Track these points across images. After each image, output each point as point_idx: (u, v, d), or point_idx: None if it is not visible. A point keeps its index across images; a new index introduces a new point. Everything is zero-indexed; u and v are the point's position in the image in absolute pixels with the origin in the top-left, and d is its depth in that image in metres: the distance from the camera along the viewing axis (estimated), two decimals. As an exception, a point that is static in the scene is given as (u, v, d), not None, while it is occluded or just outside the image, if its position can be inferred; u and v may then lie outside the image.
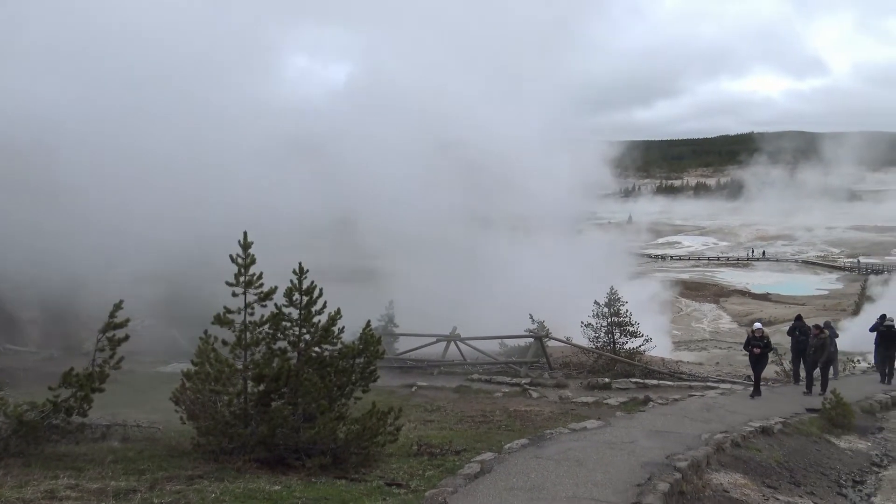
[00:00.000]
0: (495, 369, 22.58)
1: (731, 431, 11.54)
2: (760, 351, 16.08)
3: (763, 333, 16.34)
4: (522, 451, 9.47)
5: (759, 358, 16.19)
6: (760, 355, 16.16)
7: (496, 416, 14.24)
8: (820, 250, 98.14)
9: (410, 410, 14.58)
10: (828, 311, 47.39)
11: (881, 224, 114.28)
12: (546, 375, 21.26)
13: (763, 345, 16.09)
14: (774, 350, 21.38)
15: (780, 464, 10.69)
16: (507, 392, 18.17)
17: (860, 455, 12.33)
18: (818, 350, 16.70)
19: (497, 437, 11.61)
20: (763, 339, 16.14)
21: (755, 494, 8.90)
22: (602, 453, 9.46)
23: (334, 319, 9.17)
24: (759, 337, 16.13)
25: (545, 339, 22.98)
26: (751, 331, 16.79)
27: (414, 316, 26.13)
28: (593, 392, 18.30)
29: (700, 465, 9.40)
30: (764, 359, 16.41)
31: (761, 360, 16.28)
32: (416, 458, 9.64)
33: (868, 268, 71.63)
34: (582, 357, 23.85)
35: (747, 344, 16.48)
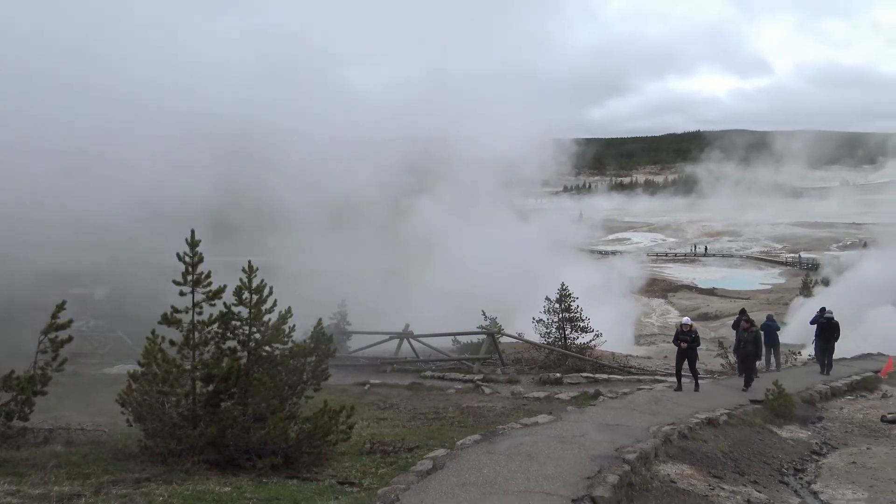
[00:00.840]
0: (448, 366, 22.67)
1: (678, 423, 11.78)
2: (688, 345, 15.92)
3: (691, 328, 16.27)
4: (475, 447, 9.51)
5: (687, 352, 16.05)
6: (688, 349, 16.01)
7: (449, 413, 14.28)
8: (764, 246, 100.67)
9: (363, 408, 14.53)
10: (771, 305, 48.76)
11: (821, 220, 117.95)
12: (498, 371, 21.42)
13: (691, 339, 15.95)
14: (724, 345, 21.94)
15: (725, 454, 10.96)
16: (460, 388, 18.25)
17: (801, 444, 12.71)
18: (748, 344, 16.81)
19: (450, 433, 11.65)
20: (691, 333, 16.04)
21: (701, 484, 9.11)
22: (553, 447, 9.56)
23: (285, 318, 9.09)
24: (687, 331, 16.02)
25: (497, 335, 23.13)
26: (678, 325, 16.74)
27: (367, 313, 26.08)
28: (545, 387, 18.50)
29: (648, 457, 9.59)
30: (692, 353, 16.25)
31: (689, 354, 16.14)
32: (369, 457, 9.62)
33: (809, 263, 73.79)
34: (534, 353, 24.10)
35: (676, 338, 16.34)
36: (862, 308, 30.25)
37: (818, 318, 20.69)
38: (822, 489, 10.08)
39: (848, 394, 17.69)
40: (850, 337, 25.58)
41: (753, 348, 16.86)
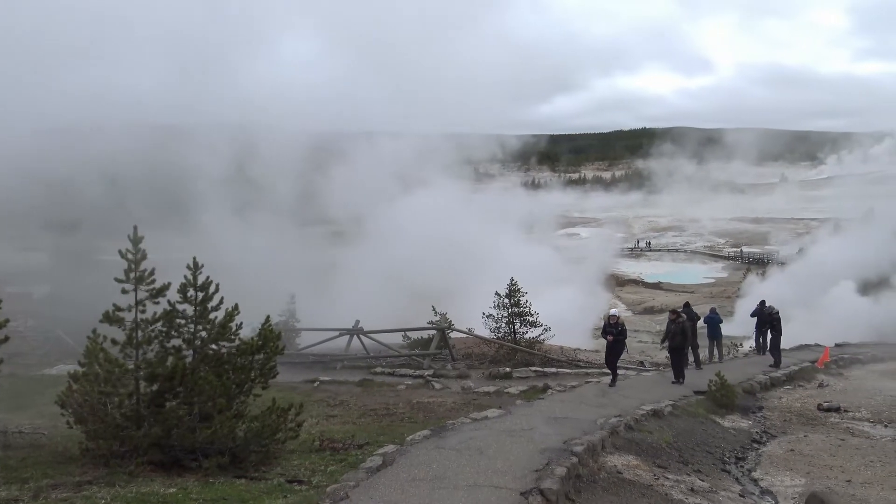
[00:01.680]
0: (399, 362, 22.65)
1: (624, 415, 12.00)
2: (614, 338, 15.66)
3: (618, 321, 15.92)
4: (425, 443, 9.53)
5: (614, 345, 15.83)
6: (615, 342, 15.77)
7: (399, 409, 14.29)
8: (707, 241, 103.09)
9: (313, 406, 14.42)
10: (714, 298, 50.02)
11: (762, 215, 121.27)
12: (449, 366, 21.49)
13: (618, 332, 15.67)
14: None
15: (669, 444, 11.20)
16: (411, 384, 18.24)
17: (742, 433, 13.07)
18: (676, 335, 16.60)
19: (400, 429, 11.65)
20: (618, 325, 15.74)
21: (646, 475, 9.30)
22: (502, 441, 9.65)
23: (232, 315, 8.96)
24: (615, 324, 15.69)
25: (448, 330, 23.19)
26: (606, 317, 16.32)
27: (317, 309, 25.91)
28: (495, 381, 18.63)
29: (596, 449, 9.74)
30: (619, 346, 16.08)
31: (616, 348, 15.95)
32: (319, 454, 9.56)
33: (750, 257, 75.87)
34: (484, 347, 24.24)
35: (604, 331, 15.97)
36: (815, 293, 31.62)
37: (759, 310, 21.31)
38: (762, 476, 10.40)
39: (787, 384, 18.26)
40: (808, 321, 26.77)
41: (681, 340, 16.65)
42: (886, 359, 23.43)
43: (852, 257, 34.88)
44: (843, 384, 18.66)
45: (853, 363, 22.20)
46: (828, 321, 29.61)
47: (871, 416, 14.71)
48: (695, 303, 27.34)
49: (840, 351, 24.26)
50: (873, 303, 31.22)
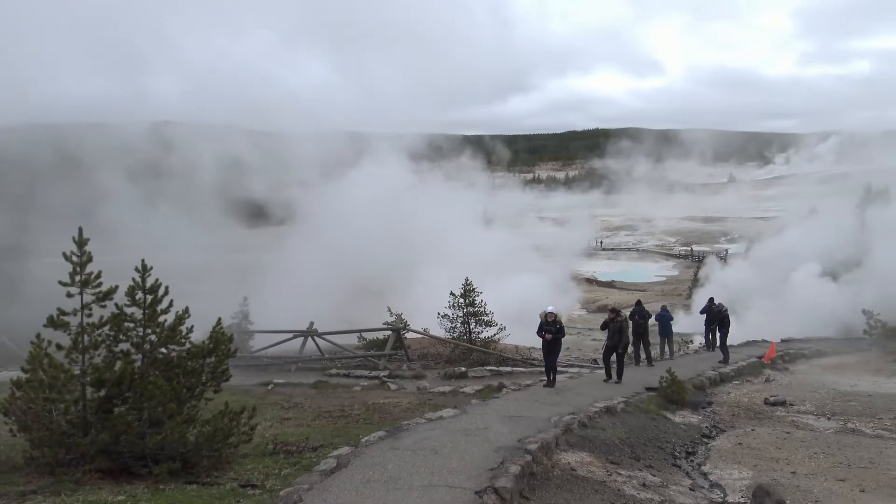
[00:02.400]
0: (354, 363, 22.54)
1: (578, 413, 12.14)
2: (552, 336, 14.86)
3: (555, 318, 15.00)
4: (380, 444, 9.51)
5: (552, 344, 15.00)
6: (553, 341, 14.94)
7: (354, 410, 14.22)
8: (658, 240, 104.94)
9: (266, 409, 14.26)
10: (665, 296, 50.93)
11: (711, 214, 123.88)
12: (404, 367, 21.46)
13: (555, 330, 14.84)
14: None
15: (622, 441, 11.37)
16: (366, 385, 18.17)
17: (692, 428, 13.34)
18: (615, 334, 16.14)
19: (355, 430, 11.60)
20: (556, 323, 14.88)
21: (599, 471, 9.44)
22: (457, 441, 9.68)
23: (182, 318, 8.81)
24: (552, 322, 14.84)
25: (403, 331, 23.16)
26: (542, 314, 15.12)
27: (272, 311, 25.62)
28: (450, 381, 18.67)
29: (550, 447, 9.84)
30: (557, 345, 15.22)
31: (554, 347, 15.11)
32: (272, 457, 9.46)
33: (700, 255, 77.45)
34: (440, 347, 24.28)
35: (540, 329, 15.05)
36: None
37: (708, 307, 21.78)
38: (712, 470, 10.63)
39: (735, 379, 18.71)
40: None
41: (619, 338, 16.15)
42: (829, 353, 24.17)
43: (816, 246, 35.35)
44: (788, 379, 19.20)
45: (798, 358, 22.85)
46: (791, 312, 30.37)
47: (815, 409, 15.16)
48: (646, 301, 27.76)
49: (786, 346, 24.96)
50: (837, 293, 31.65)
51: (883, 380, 18.94)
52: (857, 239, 32.60)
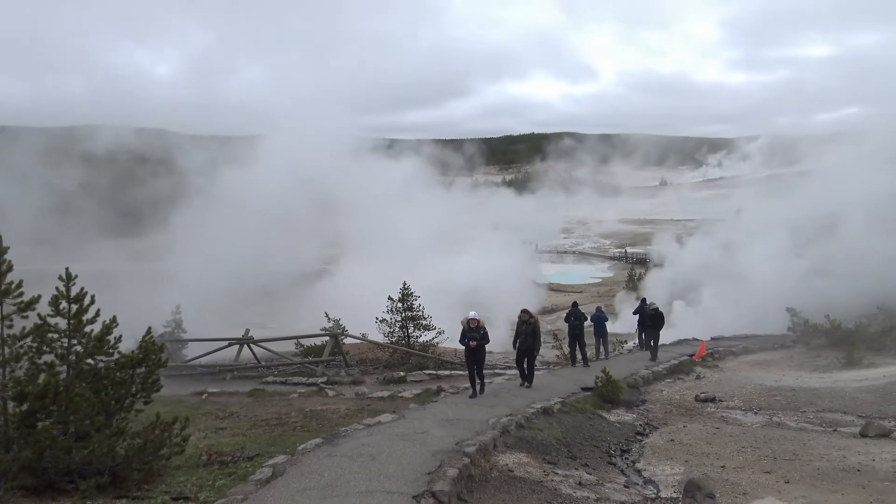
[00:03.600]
0: (291, 370, 22.25)
1: (515, 414, 12.26)
2: (477, 343, 13.83)
3: (479, 323, 13.99)
4: (317, 451, 9.42)
5: (476, 352, 13.97)
6: (477, 348, 13.91)
7: (292, 418, 14.04)
8: (594, 242, 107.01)
9: (200, 419, 13.97)
10: (601, 297, 51.94)
11: (644, 217, 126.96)
12: (343, 373, 21.29)
13: (480, 336, 13.85)
14: (558, 337, 22.88)
15: (558, 441, 11.54)
16: (304, 392, 17.96)
17: (627, 426, 13.63)
18: (528, 337, 15.14)
19: (292, 438, 11.45)
20: (479, 329, 13.91)
21: (537, 471, 9.55)
22: (395, 446, 9.65)
23: (109, 328, 8.54)
24: (476, 328, 13.87)
25: (341, 336, 22.98)
26: (465, 321, 14.15)
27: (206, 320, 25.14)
28: (389, 386, 18.59)
29: (488, 449, 9.91)
30: (482, 352, 14.18)
31: (478, 354, 14.08)
32: (206, 469, 9.26)
33: (634, 257, 79.20)
34: (378, 352, 24.18)
35: (463, 336, 14.03)
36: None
37: (641, 308, 22.29)
38: (645, 467, 10.88)
39: (667, 377, 19.20)
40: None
41: (532, 342, 15.20)
42: (756, 350, 25.04)
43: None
44: (718, 375, 19.80)
45: (727, 355, 23.58)
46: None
47: (743, 405, 15.69)
48: (582, 302, 28.26)
49: (715, 344, 25.74)
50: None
51: (805, 374, 19.73)
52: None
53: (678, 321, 32.61)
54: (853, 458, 10.67)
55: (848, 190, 33.14)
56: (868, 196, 30.94)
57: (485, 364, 14.58)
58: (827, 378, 18.70)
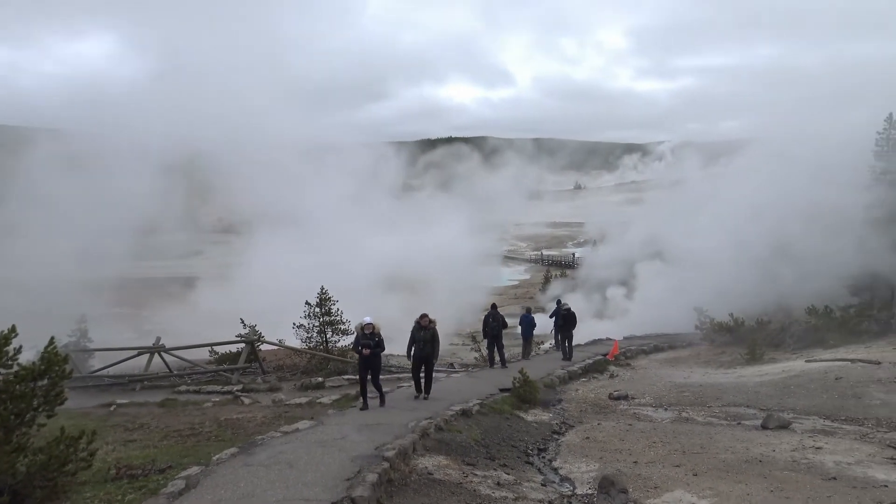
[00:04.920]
0: (205, 379, 21.67)
1: (435, 417, 12.30)
2: (371, 351, 13.00)
3: (374, 329, 13.06)
4: (232, 461, 9.21)
5: (370, 360, 13.16)
6: (371, 357, 13.10)
7: (206, 428, 13.66)
8: (511, 245, 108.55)
9: (108, 431, 13.43)
10: (519, 299, 52.75)
11: (559, 220, 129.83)
12: (259, 380, 20.89)
13: (374, 343, 12.99)
14: (476, 339, 23.03)
15: (477, 442, 11.64)
16: (218, 401, 17.52)
17: (544, 426, 13.87)
18: (426, 344, 14.35)
19: (206, 449, 11.16)
20: (374, 336, 13.01)
21: (456, 473, 9.61)
22: (314, 453, 9.54)
23: (7, 338, 8.11)
24: (370, 334, 12.98)
25: (257, 343, 22.54)
26: (359, 327, 13.37)
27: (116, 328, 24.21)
28: (307, 392, 18.37)
29: (407, 453, 9.91)
30: (376, 360, 13.39)
31: (373, 362, 13.27)
32: (115, 483, 8.92)
33: (549, 259, 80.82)
34: (296, 358, 23.84)
35: (356, 344, 13.29)
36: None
37: (557, 310, 22.75)
38: (562, 465, 11.10)
39: (582, 376, 19.65)
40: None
41: (430, 349, 14.45)
42: (666, 349, 25.97)
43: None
44: (630, 374, 20.40)
45: (639, 354, 24.35)
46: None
47: (654, 402, 16.22)
48: (501, 304, 28.64)
49: (628, 343, 26.54)
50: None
51: (712, 371, 20.58)
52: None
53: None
54: (755, 450, 11.20)
55: (745, 199, 34.79)
56: (764, 206, 32.55)
57: (379, 375, 13.70)
58: (731, 374, 19.55)
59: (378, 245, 49.70)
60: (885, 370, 16.70)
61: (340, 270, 33.82)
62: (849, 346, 21.52)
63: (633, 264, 38.46)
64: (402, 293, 39.63)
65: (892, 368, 16.75)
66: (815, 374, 17.25)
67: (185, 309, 28.99)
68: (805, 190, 30.17)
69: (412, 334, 14.53)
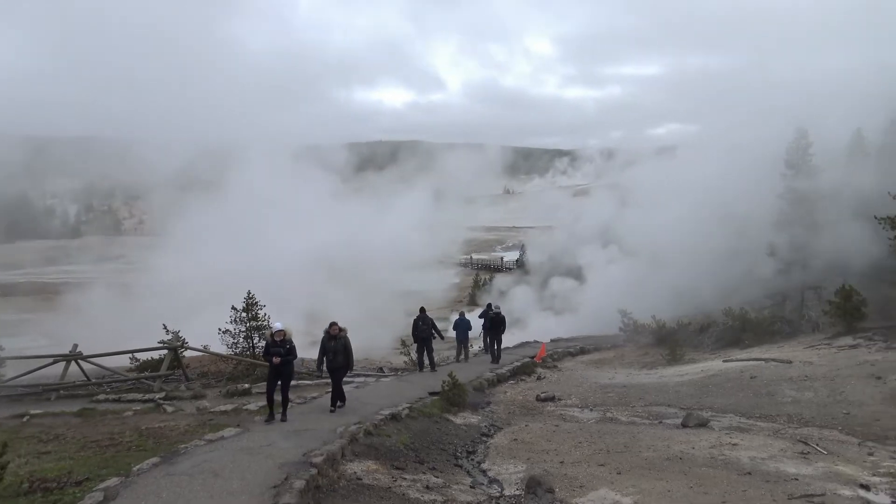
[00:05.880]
0: (126, 387, 20.94)
1: (364, 422, 12.26)
2: (282, 359, 12.42)
3: (285, 336, 12.56)
4: (153, 471, 8.96)
5: (281, 368, 12.50)
6: (282, 364, 12.46)
7: (126, 438, 13.19)
8: (440, 249, 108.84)
9: (21, 443, 12.82)
10: (449, 303, 52.99)
11: (488, 225, 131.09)
12: (183, 387, 20.34)
13: (285, 351, 12.45)
14: (406, 343, 23.01)
15: (406, 446, 11.65)
16: (140, 409, 16.95)
17: (473, 428, 13.97)
18: (338, 354, 13.75)
19: (126, 459, 10.78)
20: (285, 343, 12.50)
21: (385, 477, 9.59)
22: (239, 460, 9.37)
23: None
24: (281, 341, 12.46)
25: (181, 349, 21.93)
26: (269, 334, 12.93)
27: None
28: (233, 399, 17.96)
29: (335, 458, 9.84)
30: (289, 368, 12.73)
31: (283, 371, 12.61)
32: (28, 497, 8.55)
33: (479, 263, 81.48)
34: (221, 364, 23.31)
35: (266, 351, 12.73)
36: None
37: (486, 312, 22.95)
38: (490, 467, 11.21)
39: (511, 379, 19.89)
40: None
41: (344, 360, 13.83)
42: (591, 350, 26.52)
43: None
44: (557, 375, 20.75)
45: (565, 356, 24.80)
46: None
47: (580, 402, 16.56)
48: (430, 308, 28.71)
49: (555, 345, 26.99)
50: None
51: (635, 371, 21.14)
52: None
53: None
54: (676, 448, 11.56)
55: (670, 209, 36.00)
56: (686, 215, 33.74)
57: (289, 386, 13.14)
58: (654, 374, 20.12)
59: (303, 248, 49.13)
60: (796, 369, 17.49)
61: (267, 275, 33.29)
62: (763, 347, 22.43)
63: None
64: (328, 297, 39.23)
65: (802, 367, 17.56)
66: (732, 374, 17.92)
67: (106, 314, 27.98)
68: (722, 196, 31.39)
69: (322, 345, 14.02)
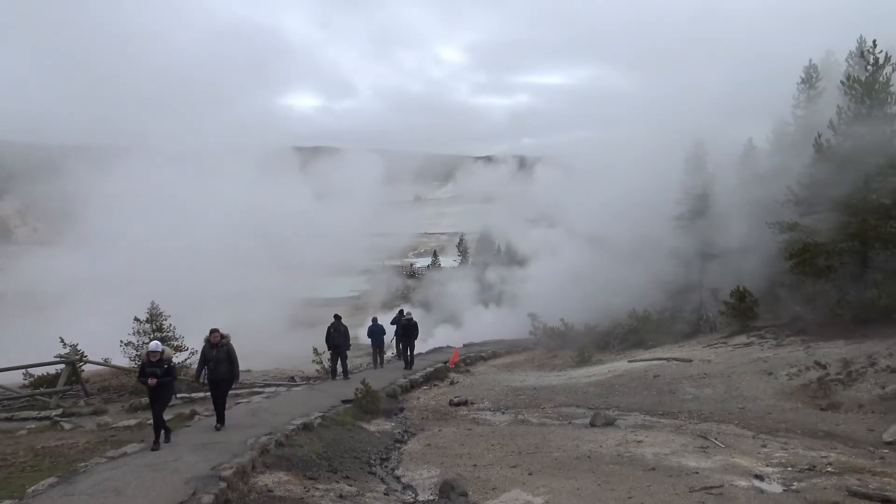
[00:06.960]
0: (18, 404, 19.82)
1: (275, 433, 12.03)
2: (158, 381, 11.15)
3: (161, 356, 11.34)
4: (50, 492, 8.52)
5: (160, 391, 11.32)
6: (159, 386, 11.22)
7: (19, 458, 12.49)
8: (349, 255, 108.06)
9: None
10: (360, 310, 52.65)
11: (399, 231, 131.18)
12: (82, 403, 19.43)
13: (162, 372, 11.21)
14: (318, 351, 22.69)
15: (319, 455, 11.50)
16: (34, 428, 16.08)
17: (386, 435, 13.94)
18: (221, 363, 12.60)
19: (20, 481, 10.21)
20: (163, 363, 11.29)
21: (297, 488, 9.44)
22: (144, 477, 9.03)
23: None
24: (157, 361, 11.22)
25: (80, 363, 20.94)
26: (144, 354, 11.59)
27: None
28: (136, 414, 17.30)
29: (246, 471, 9.63)
30: (167, 390, 11.53)
31: (162, 394, 11.44)
32: None
33: (390, 268, 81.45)
34: (124, 378, 22.37)
35: (141, 373, 11.45)
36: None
37: (398, 319, 22.94)
38: (404, 473, 11.23)
39: (424, 384, 19.97)
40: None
41: (227, 370, 12.70)
42: (503, 354, 26.94)
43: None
44: (470, 380, 20.96)
45: (478, 360, 25.09)
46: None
47: (492, 406, 16.78)
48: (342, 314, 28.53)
49: (467, 350, 27.24)
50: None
51: (545, 374, 21.59)
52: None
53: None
54: (585, 447, 11.89)
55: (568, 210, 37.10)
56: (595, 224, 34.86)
57: (168, 405, 12.11)
58: (563, 376, 20.61)
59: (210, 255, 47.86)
60: (696, 367, 18.28)
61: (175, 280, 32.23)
62: (665, 346, 23.34)
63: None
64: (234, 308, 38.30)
65: (701, 365, 18.37)
66: (637, 373, 18.57)
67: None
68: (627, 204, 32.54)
69: (202, 354, 12.85)
